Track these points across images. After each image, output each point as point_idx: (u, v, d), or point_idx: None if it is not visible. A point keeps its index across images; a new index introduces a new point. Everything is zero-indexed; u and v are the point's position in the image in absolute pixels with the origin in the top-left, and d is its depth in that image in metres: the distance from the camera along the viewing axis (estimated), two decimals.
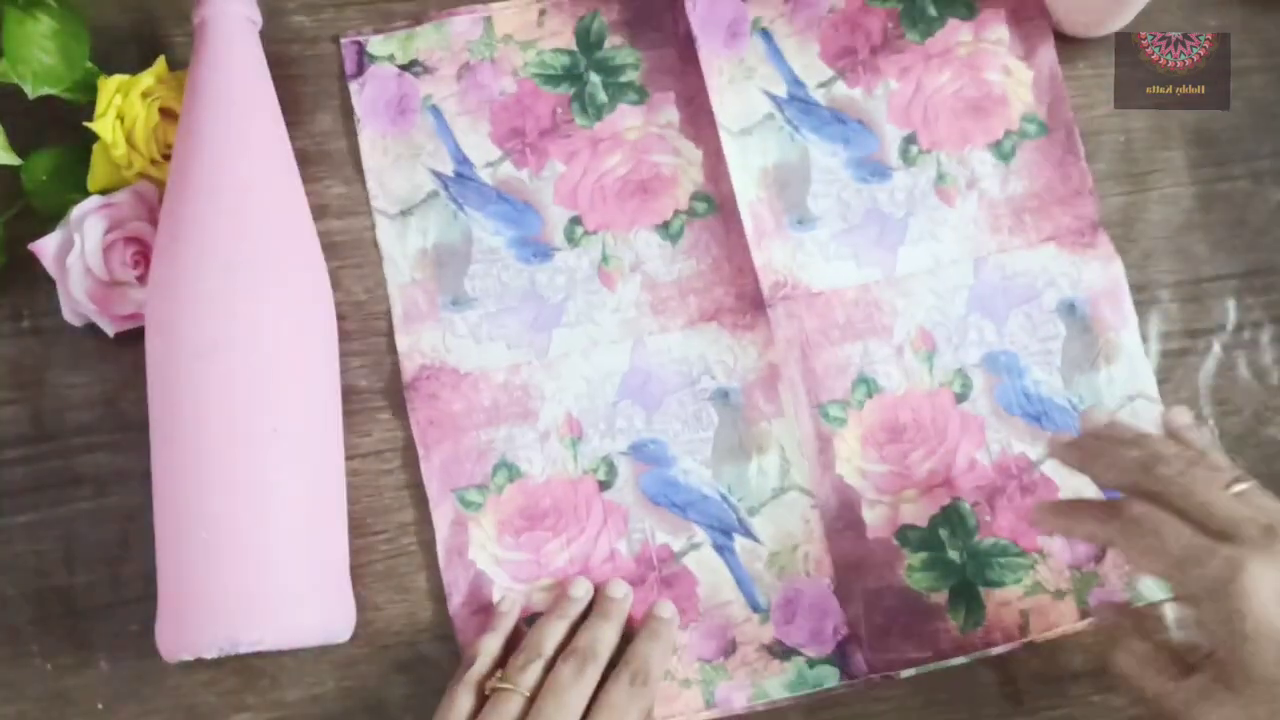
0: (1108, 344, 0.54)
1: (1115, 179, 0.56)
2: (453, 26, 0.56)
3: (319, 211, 0.54)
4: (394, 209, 0.55)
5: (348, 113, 0.56)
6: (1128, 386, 0.54)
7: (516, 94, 0.56)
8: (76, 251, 0.51)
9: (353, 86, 0.56)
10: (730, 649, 0.52)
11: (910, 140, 0.56)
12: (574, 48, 0.56)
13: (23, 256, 0.52)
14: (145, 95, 0.52)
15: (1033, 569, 0.52)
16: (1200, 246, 0.56)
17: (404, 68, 0.56)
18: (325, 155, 0.55)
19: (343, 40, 0.56)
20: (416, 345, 0.53)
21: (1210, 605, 0.38)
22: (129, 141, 0.52)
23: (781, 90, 0.56)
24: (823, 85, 0.56)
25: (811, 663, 0.52)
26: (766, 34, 0.56)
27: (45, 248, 0.51)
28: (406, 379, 0.53)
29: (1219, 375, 0.55)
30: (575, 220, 0.55)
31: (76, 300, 0.51)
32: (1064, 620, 0.52)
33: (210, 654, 0.45)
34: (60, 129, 0.54)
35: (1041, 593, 0.52)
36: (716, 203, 0.55)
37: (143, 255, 0.52)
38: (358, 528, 0.51)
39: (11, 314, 0.54)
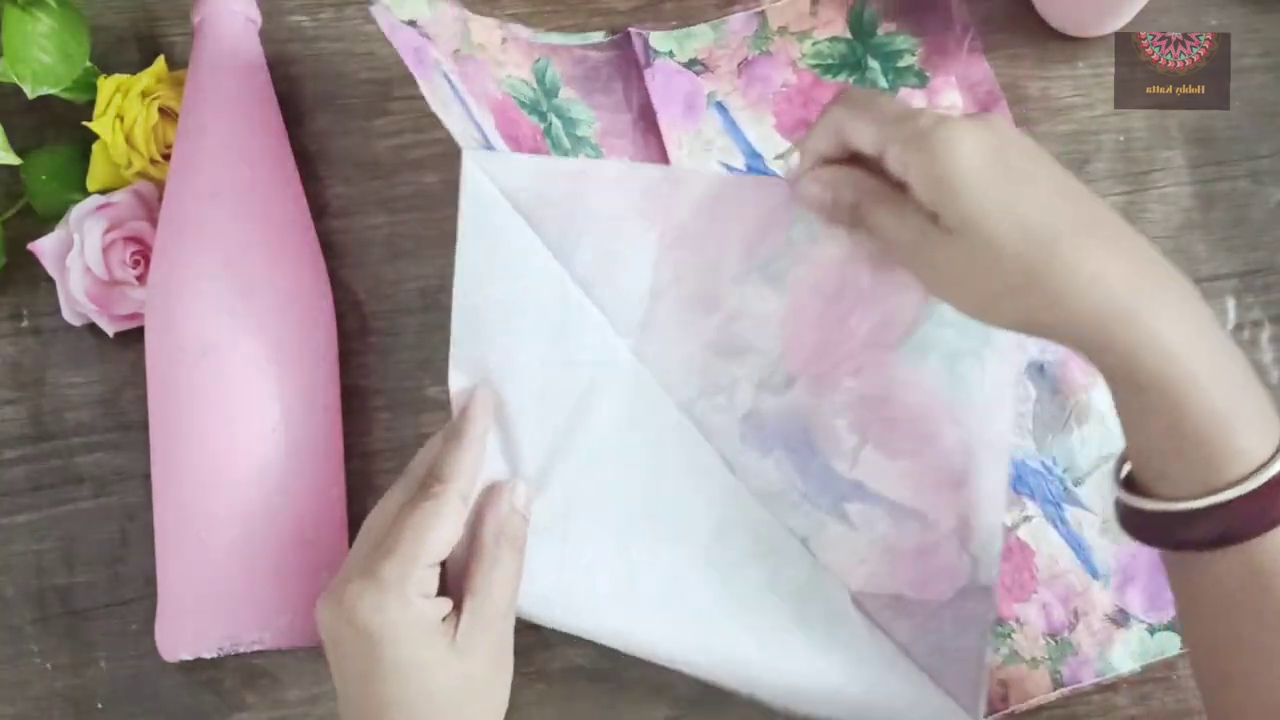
0: (1078, 405, 0.53)
1: (1115, 179, 0.56)
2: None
3: (319, 211, 0.54)
4: None
5: (347, 113, 0.56)
6: (1101, 447, 0.53)
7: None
8: (76, 251, 0.51)
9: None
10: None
11: None
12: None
13: (22, 256, 0.52)
14: (145, 95, 0.52)
15: (1009, 638, 0.51)
16: (1200, 246, 0.56)
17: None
18: (325, 155, 0.55)
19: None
20: None
21: (920, 156, 0.40)
22: (128, 141, 0.52)
23: (739, 163, 0.55)
24: (780, 157, 0.56)
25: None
26: (721, 107, 0.56)
27: (45, 247, 0.52)
28: None
29: None
30: None
31: (76, 300, 0.51)
32: (1038, 690, 0.50)
33: (210, 653, 0.45)
34: (60, 128, 0.54)
35: (1018, 662, 0.51)
36: None
37: (142, 255, 0.52)
38: (358, 528, 0.51)
39: (11, 314, 0.54)
